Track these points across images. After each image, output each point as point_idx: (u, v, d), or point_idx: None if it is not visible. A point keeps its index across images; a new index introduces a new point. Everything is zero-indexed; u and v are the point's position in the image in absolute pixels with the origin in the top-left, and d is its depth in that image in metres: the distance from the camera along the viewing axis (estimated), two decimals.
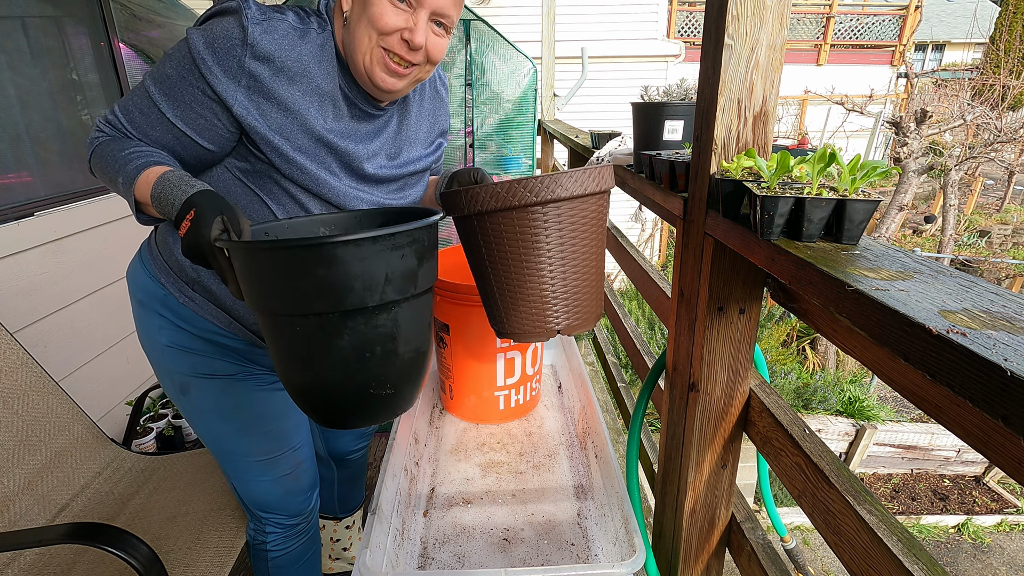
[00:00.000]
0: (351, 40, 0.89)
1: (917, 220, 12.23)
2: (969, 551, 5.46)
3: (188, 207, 0.75)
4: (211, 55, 0.82)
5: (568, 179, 0.84)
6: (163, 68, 0.85)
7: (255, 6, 0.85)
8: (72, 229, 2.08)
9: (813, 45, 10.94)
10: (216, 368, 1.04)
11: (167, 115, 0.86)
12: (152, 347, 1.05)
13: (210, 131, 0.87)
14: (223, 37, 0.82)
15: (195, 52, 0.82)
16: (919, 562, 0.60)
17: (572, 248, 0.89)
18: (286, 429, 1.13)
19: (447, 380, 1.45)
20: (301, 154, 0.90)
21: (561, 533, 1.09)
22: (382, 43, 0.87)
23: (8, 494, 1.25)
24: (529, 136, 3.37)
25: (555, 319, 0.93)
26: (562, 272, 0.90)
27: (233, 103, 0.84)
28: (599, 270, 0.96)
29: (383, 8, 0.85)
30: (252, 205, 0.93)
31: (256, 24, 0.83)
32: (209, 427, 1.09)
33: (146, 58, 2.67)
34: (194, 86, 0.84)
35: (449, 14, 0.90)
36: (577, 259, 0.91)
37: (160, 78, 0.85)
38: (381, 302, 0.71)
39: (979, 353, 0.39)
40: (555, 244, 0.88)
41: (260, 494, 1.15)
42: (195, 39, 0.83)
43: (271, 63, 0.84)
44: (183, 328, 1.01)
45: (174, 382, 1.06)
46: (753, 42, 0.78)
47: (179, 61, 0.84)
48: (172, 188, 0.79)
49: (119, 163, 0.84)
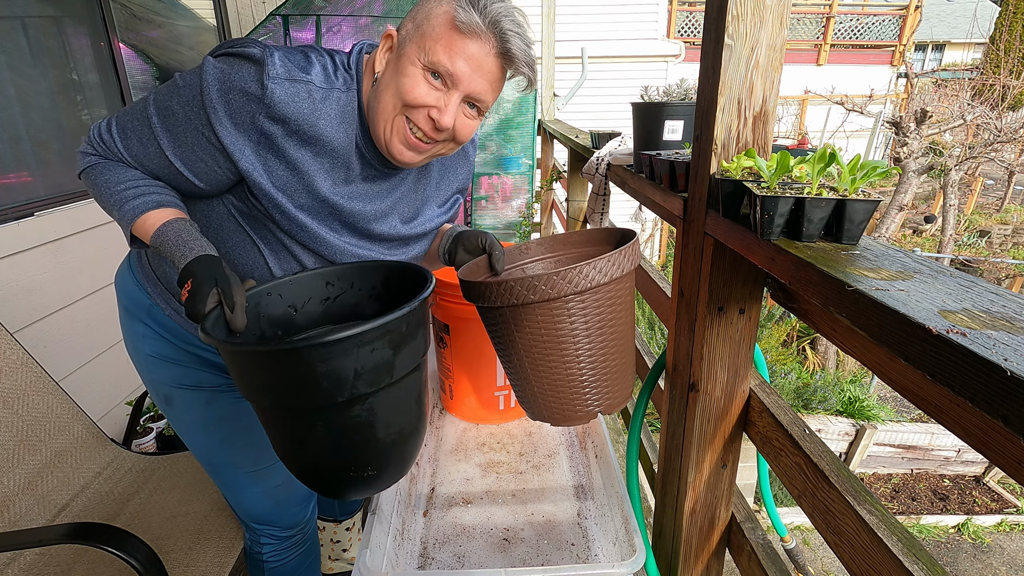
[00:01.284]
0: (376, 104, 0.83)
1: (917, 220, 12.23)
2: (969, 551, 5.46)
3: (186, 276, 0.76)
4: (223, 105, 0.78)
5: (593, 269, 0.81)
6: (170, 101, 0.80)
7: (280, 61, 0.78)
8: (72, 229, 2.08)
9: (813, 45, 10.94)
10: (200, 380, 1.02)
11: (166, 152, 0.82)
12: (136, 355, 1.03)
13: (209, 175, 0.83)
14: (239, 90, 0.77)
15: (207, 96, 0.77)
16: (919, 562, 0.60)
17: (602, 331, 0.86)
18: None
19: (447, 380, 1.45)
20: (303, 212, 0.85)
21: (561, 533, 1.09)
22: (407, 114, 0.81)
23: (8, 494, 1.25)
24: (529, 136, 3.37)
25: (592, 402, 0.91)
26: (592, 356, 0.87)
27: (240, 157, 0.80)
28: (630, 344, 0.93)
29: (415, 81, 0.80)
30: (244, 246, 0.89)
31: (277, 84, 0.77)
32: (195, 438, 1.06)
33: (146, 58, 2.67)
34: (199, 131, 0.80)
35: (485, 99, 0.84)
36: (607, 340, 0.87)
37: (165, 111, 0.81)
38: (351, 396, 0.69)
39: (979, 353, 0.39)
40: (583, 331, 0.85)
41: (251, 506, 1.13)
42: (210, 81, 0.77)
43: (286, 124, 0.79)
44: (167, 339, 0.99)
45: (158, 392, 1.04)
46: (753, 42, 0.78)
47: (188, 100, 0.79)
48: (171, 248, 0.79)
49: (115, 197, 0.82)
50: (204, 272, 0.75)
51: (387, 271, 0.91)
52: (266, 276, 0.91)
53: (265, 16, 2.99)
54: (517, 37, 0.80)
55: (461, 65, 0.79)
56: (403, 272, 0.90)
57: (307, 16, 2.90)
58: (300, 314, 0.87)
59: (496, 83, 0.84)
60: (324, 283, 0.89)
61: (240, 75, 0.77)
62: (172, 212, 0.83)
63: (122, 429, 1.66)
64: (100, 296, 2.21)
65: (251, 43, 0.81)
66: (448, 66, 0.79)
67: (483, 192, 3.43)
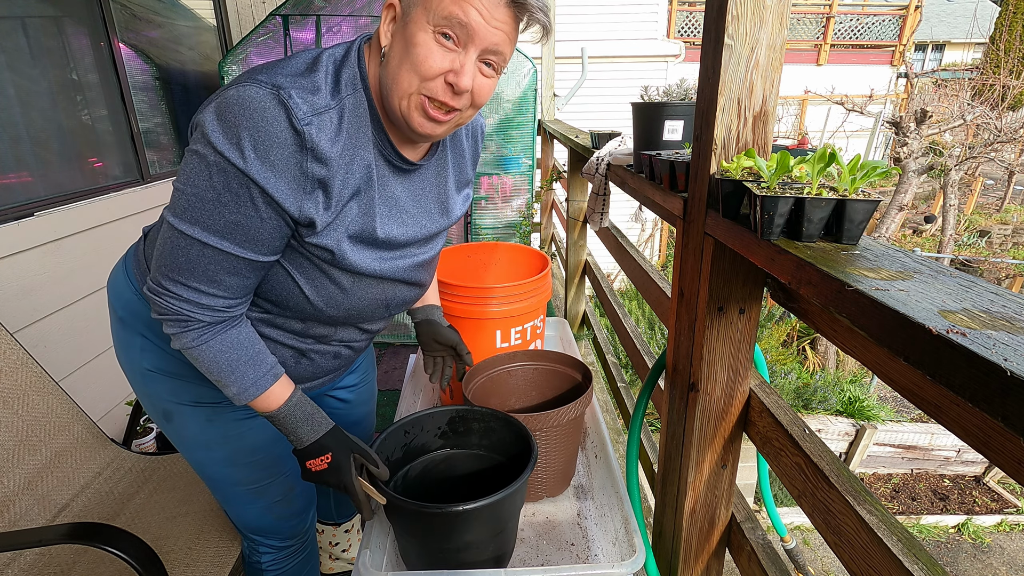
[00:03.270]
0: (389, 80, 0.78)
1: (917, 220, 12.23)
2: (969, 551, 5.46)
3: (322, 450, 0.87)
4: (271, 170, 0.71)
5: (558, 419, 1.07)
6: (222, 214, 0.73)
7: (299, 96, 0.72)
8: (72, 229, 2.08)
9: (813, 45, 10.93)
10: (201, 395, 0.97)
11: (259, 259, 0.78)
12: (133, 369, 0.98)
13: (283, 242, 0.81)
14: (278, 145, 0.71)
15: (252, 173, 0.71)
16: (919, 562, 0.60)
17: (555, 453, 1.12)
18: (277, 456, 1.07)
19: None
20: (351, 248, 0.84)
21: (561, 533, 1.09)
22: (424, 90, 0.77)
23: (8, 494, 1.25)
24: (529, 136, 3.37)
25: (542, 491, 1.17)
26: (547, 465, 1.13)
27: (315, 217, 0.77)
28: (573, 454, 1.19)
29: (428, 49, 0.74)
30: (277, 278, 0.86)
31: (310, 125, 0.72)
32: (194, 455, 1.03)
33: (146, 58, 2.67)
34: (269, 218, 0.75)
35: (502, 51, 0.79)
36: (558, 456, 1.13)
37: (230, 227, 0.74)
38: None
39: (979, 353, 0.39)
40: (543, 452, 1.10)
41: (251, 520, 1.11)
42: (238, 155, 0.70)
43: (330, 163, 0.76)
44: (167, 352, 0.94)
45: (156, 407, 0.99)
46: (753, 42, 0.78)
47: (236, 195, 0.72)
48: (298, 424, 0.87)
49: (234, 375, 0.82)
50: (340, 446, 0.88)
51: (452, 413, 1.07)
52: (301, 303, 0.88)
53: (265, 16, 2.99)
54: None
55: (474, 15, 0.73)
56: (465, 412, 1.07)
57: (307, 16, 2.90)
58: (391, 463, 1.01)
59: (512, 33, 0.79)
60: (403, 432, 1.04)
61: (263, 132, 0.70)
62: (286, 384, 0.88)
63: (122, 429, 1.65)
64: (100, 296, 2.21)
65: (243, 84, 0.72)
66: (461, 16, 0.73)
67: (483, 192, 3.43)
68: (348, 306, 0.91)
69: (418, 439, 1.05)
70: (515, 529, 1.00)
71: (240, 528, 1.15)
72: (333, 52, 0.81)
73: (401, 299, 0.99)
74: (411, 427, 1.04)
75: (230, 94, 0.70)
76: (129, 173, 2.50)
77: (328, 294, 0.88)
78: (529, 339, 1.41)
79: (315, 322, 0.93)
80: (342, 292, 0.88)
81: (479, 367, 1.26)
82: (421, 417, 1.05)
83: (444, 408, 1.07)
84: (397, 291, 0.97)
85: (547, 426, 1.06)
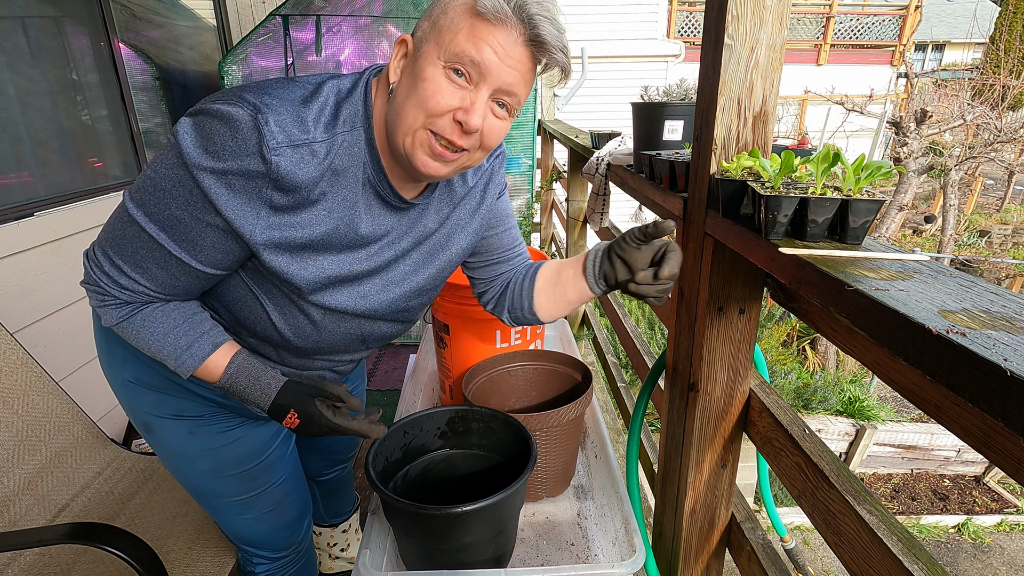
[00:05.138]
0: (395, 116, 0.75)
1: (917, 220, 12.23)
2: (969, 551, 5.47)
3: (283, 410, 0.83)
4: (226, 190, 0.70)
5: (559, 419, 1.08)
6: (166, 207, 0.72)
7: (276, 125, 0.69)
8: (72, 229, 2.08)
9: (813, 45, 10.93)
10: (182, 408, 0.94)
11: (192, 264, 0.75)
12: (114, 380, 0.96)
13: (234, 262, 0.79)
14: (238, 172, 0.69)
15: (205, 187, 0.69)
16: (919, 562, 0.60)
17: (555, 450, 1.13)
18: (266, 466, 1.04)
19: (447, 380, 1.45)
20: (319, 284, 0.81)
21: (561, 533, 1.09)
22: (430, 126, 0.73)
23: (8, 494, 1.25)
24: (529, 136, 3.37)
25: (541, 490, 1.18)
26: (547, 463, 1.14)
27: (260, 248, 0.74)
28: (573, 454, 1.19)
29: (436, 85, 0.71)
30: (246, 300, 0.84)
31: (280, 155, 0.69)
32: (177, 467, 1.00)
33: (146, 58, 2.67)
34: (214, 227, 0.73)
35: (516, 92, 0.75)
36: (558, 455, 1.14)
37: (169, 221, 0.72)
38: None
39: (979, 353, 0.39)
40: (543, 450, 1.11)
41: (242, 530, 1.08)
42: (199, 168, 0.68)
43: (295, 193, 0.72)
44: (147, 365, 0.91)
45: (138, 419, 0.97)
46: (753, 42, 0.78)
47: (187, 199, 0.71)
48: (247, 391, 0.83)
49: (166, 351, 0.80)
50: (298, 398, 0.84)
51: (452, 413, 1.07)
52: (269, 330, 0.86)
53: (265, 16, 2.99)
54: (547, 22, 0.72)
55: (488, 53, 0.70)
56: (464, 413, 1.07)
57: (307, 16, 2.90)
58: (390, 464, 1.02)
59: (528, 74, 0.75)
60: (403, 433, 1.04)
61: (230, 150, 0.68)
62: (227, 350, 0.84)
63: (122, 429, 1.65)
64: None
65: (229, 99, 0.70)
66: (475, 54, 0.70)
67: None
68: (318, 339, 0.88)
69: (418, 439, 1.05)
70: (515, 529, 1.00)
71: (233, 540, 1.12)
72: (339, 84, 0.77)
73: (380, 334, 0.95)
74: (410, 427, 1.04)
75: (216, 106, 0.69)
76: (129, 173, 2.50)
77: (297, 324, 0.85)
78: (529, 339, 1.41)
79: (286, 352, 0.91)
80: (312, 325, 0.85)
81: (479, 367, 1.26)
82: (420, 417, 1.05)
83: (444, 408, 1.07)
84: (376, 327, 0.92)
85: (547, 426, 1.06)
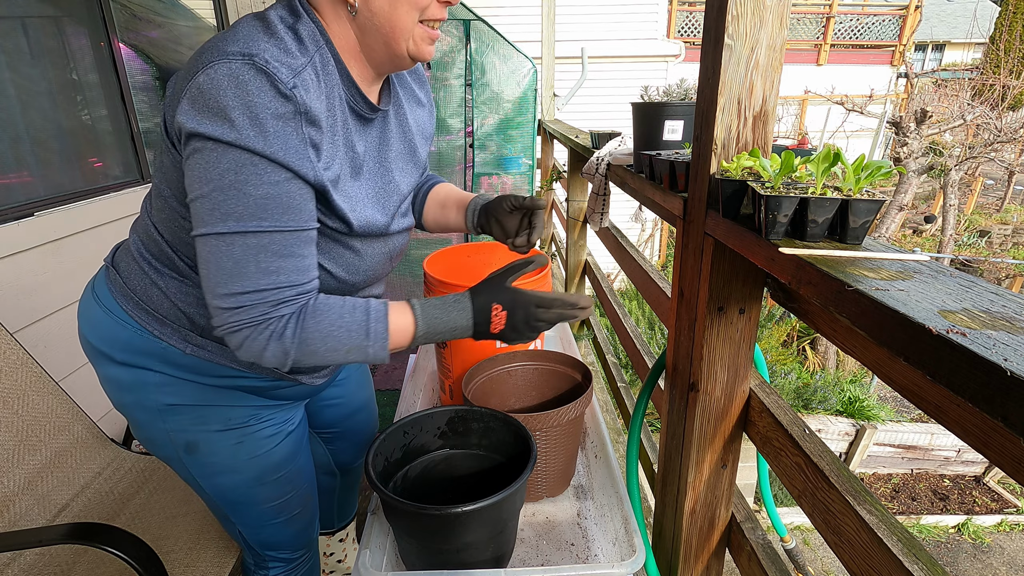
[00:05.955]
0: (386, 27, 0.76)
1: (917, 220, 12.23)
2: (969, 551, 5.47)
3: (486, 311, 0.81)
4: (266, 140, 0.67)
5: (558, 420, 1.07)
6: (247, 196, 0.68)
7: (273, 59, 0.67)
8: (72, 229, 2.08)
9: (813, 45, 10.94)
10: (229, 418, 0.93)
11: (305, 227, 0.74)
12: (146, 409, 0.90)
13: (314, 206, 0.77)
14: (271, 115, 0.66)
15: (254, 146, 0.66)
16: (919, 562, 0.60)
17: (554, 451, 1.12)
18: (299, 468, 1.06)
19: (447, 380, 1.44)
20: (361, 214, 0.82)
21: (561, 533, 1.09)
22: (424, 17, 0.77)
23: (8, 494, 1.25)
24: (529, 136, 3.37)
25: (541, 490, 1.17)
26: (547, 464, 1.13)
27: (329, 188, 0.74)
28: (573, 453, 1.19)
29: None
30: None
31: (296, 87, 0.68)
32: (219, 481, 0.98)
33: (146, 58, 2.67)
34: (288, 182, 0.70)
35: None
36: (557, 455, 1.13)
37: (257, 206, 0.69)
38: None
39: (979, 353, 0.39)
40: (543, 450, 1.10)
41: (270, 536, 1.08)
42: (245, 142, 0.66)
43: (319, 121, 0.73)
44: (191, 380, 0.89)
45: (176, 442, 0.93)
46: (753, 42, 0.78)
47: (254, 173, 0.68)
48: (442, 318, 0.81)
49: (352, 333, 0.77)
50: (490, 291, 0.83)
51: (451, 413, 1.07)
52: (325, 280, 0.86)
53: None
54: None
55: None
56: (464, 413, 1.07)
57: None
58: (390, 464, 1.01)
59: None
60: (403, 433, 1.03)
61: (254, 100, 0.65)
62: (401, 307, 0.82)
63: (122, 429, 1.65)
64: None
65: (208, 64, 0.66)
66: None
67: (483, 192, 3.44)
68: (364, 268, 0.90)
69: (417, 439, 1.06)
70: (515, 529, 1.00)
71: (255, 546, 1.10)
72: (277, 13, 0.75)
73: (399, 247, 1.00)
74: (410, 427, 1.04)
75: (200, 81, 0.65)
76: (129, 173, 2.50)
77: (347, 262, 0.86)
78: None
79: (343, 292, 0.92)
80: (357, 256, 0.87)
81: (479, 367, 1.26)
82: (420, 417, 1.05)
83: (443, 408, 1.07)
84: (395, 240, 0.97)
85: (547, 426, 1.06)
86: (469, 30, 3.19)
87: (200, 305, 0.85)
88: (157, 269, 0.86)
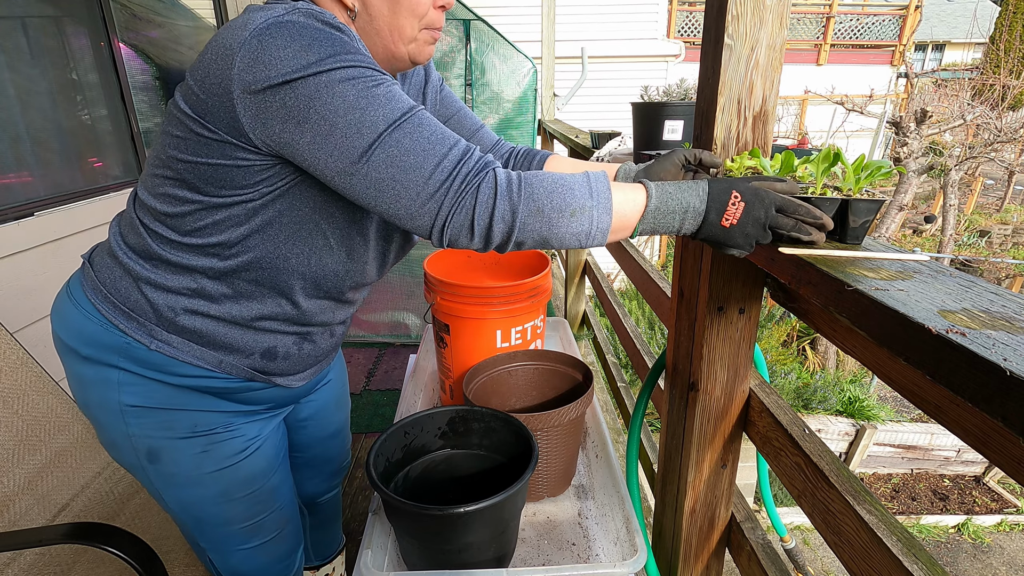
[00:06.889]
0: (387, 32, 0.80)
1: (917, 220, 12.23)
2: (969, 551, 5.47)
3: (724, 194, 0.67)
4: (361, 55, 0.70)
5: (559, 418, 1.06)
6: (377, 94, 0.68)
7: (316, 8, 0.72)
8: (72, 229, 2.08)
9: (813, 45, 10.94)
10: (196, 423, 0.88)
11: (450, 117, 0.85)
12: (108, 409, 0.86)
13: None
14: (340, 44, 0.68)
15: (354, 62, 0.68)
16: (919, 562, 0.60)
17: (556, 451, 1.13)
18: (272, 487, 0.99)
19: (447, 380, 1.45)
20: None
21: (562, 533, 1.09)
22: (425, 25, 0.81)
23: (8, 494, 1.25)
24: (529, 136, 3.37)
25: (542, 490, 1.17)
26: (547, 464, 1.12)
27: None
28: (574, 453, 1.18)
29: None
30: (318, 252, 0.85)
31: (341, 25, 0.72)
32: (182, 494, 0.92)
33: (146, 58, 2.67)
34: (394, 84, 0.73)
35: None
36: (559, 455, 1.13)
37: (389, 98, 0.68)
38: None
39: (978, 353, 0.39)
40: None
41: (239, 563, 1.01)
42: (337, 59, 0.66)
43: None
44: (155, 380, 0.85)
45: (138, 448, 0.88)
46: (753, 42, 0.78)
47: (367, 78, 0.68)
48: (675, 195, 0.69)
49: (575, 191, 0.70)
50: (728, 181, 0.69)
51: (452, 413, 1.07)
52: (330, 267, 0.87)
53: None
54: None
55: None
56: (465, 413, 1.07)
57: None
58: (391, 464, 1.01)
59: None
60: (403, 433, 1.03)
61: (316, 35, 0.66)
62: (621, 184, 0.73)
63: None
64: None
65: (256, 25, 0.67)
66: None
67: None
68: (367, 258, 0.92)
69: (418, 440, 1.06)
70: (516, 529, 1.00)
71: (224, 574, 1.03)
72: (308, 8, 0.74)
73: (404, 240, 1.02)
74: (411, 428, 1.04)
75: (253, 45, 0.65)
76: (129, 173, 2.50)
77: (353, 246, 0.88)
78: (529, 339, 1.41)
79: (332, 289, 0.92)
80: (364, 242, 0.89)
81: (479, 367, 1.26)
82: (421, 418, 1.05)
83: (444, 408, 1.07)
84: (396, 239, 0.99)
85: (548, 426, 1.07)
86: (469, 30, 3.20)
87: (169, 294, 0.83)
88: (130, 256, 0.85)
